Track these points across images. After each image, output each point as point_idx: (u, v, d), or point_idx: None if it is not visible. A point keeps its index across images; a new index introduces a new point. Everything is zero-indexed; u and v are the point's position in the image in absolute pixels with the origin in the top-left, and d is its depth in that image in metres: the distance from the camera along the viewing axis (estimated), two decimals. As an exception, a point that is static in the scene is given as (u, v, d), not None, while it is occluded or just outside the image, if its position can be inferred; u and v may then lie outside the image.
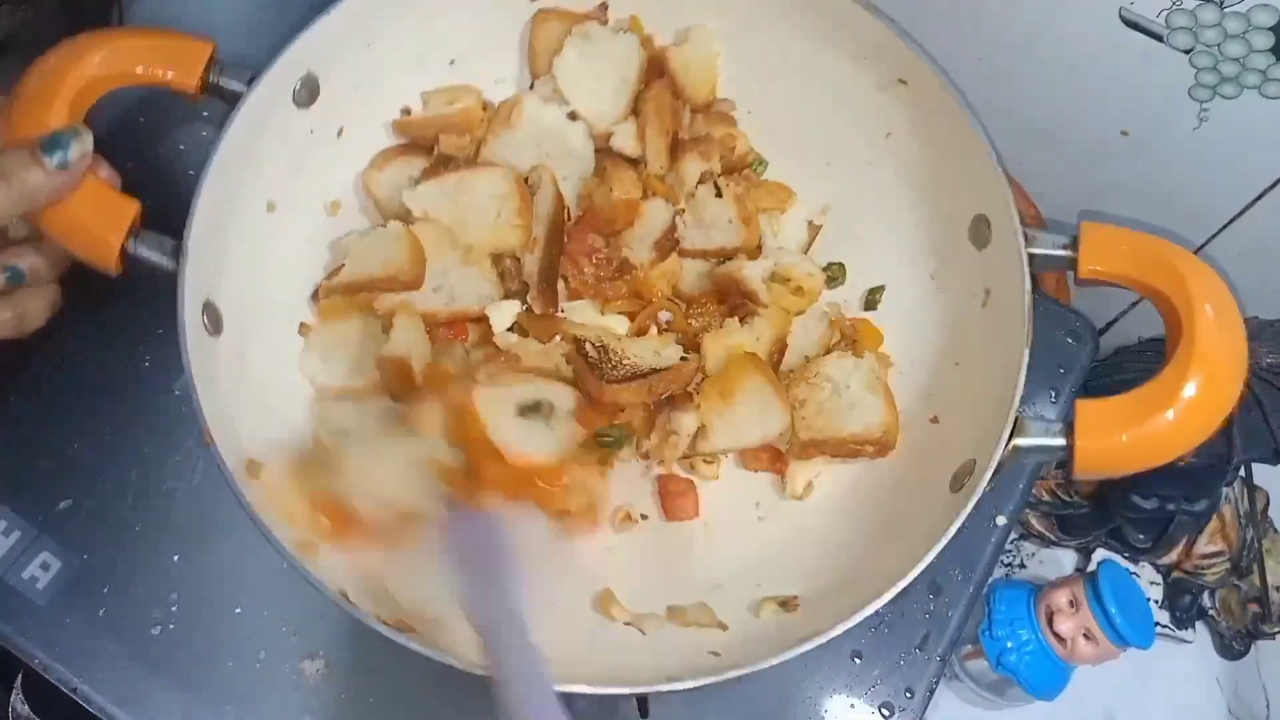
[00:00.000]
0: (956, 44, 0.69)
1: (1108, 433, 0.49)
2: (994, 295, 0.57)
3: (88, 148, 0.49)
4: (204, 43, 0.53)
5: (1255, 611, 0.82)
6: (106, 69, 0.51)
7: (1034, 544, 0.85)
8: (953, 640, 0.62)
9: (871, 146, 0.63)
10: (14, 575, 0.59)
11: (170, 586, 0.60)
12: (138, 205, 0.51)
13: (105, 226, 0.50)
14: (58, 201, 0.49)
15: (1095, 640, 0.73)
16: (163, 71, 0.53)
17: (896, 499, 0.58)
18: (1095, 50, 0.65)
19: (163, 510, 0.61)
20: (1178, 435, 0.49)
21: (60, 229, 0.50)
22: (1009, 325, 0.53)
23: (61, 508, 0.61)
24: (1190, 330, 0.49)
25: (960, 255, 0.59)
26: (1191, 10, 0.59)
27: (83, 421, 0.62)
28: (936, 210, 0.61)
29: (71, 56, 0.51)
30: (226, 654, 0.59)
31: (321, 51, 0.57)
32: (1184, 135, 0.67)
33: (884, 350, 0.62)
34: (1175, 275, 0.50)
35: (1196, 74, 0.63)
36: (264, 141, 0.56)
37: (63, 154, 0.48)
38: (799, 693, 0.61)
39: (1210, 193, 0.69)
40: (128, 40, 0.53)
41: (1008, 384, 0.51)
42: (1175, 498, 0.76)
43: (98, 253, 0.51)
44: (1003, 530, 0.64)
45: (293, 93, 0.57)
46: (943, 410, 0.59)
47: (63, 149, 0.48)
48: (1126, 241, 0.52)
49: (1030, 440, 0.50)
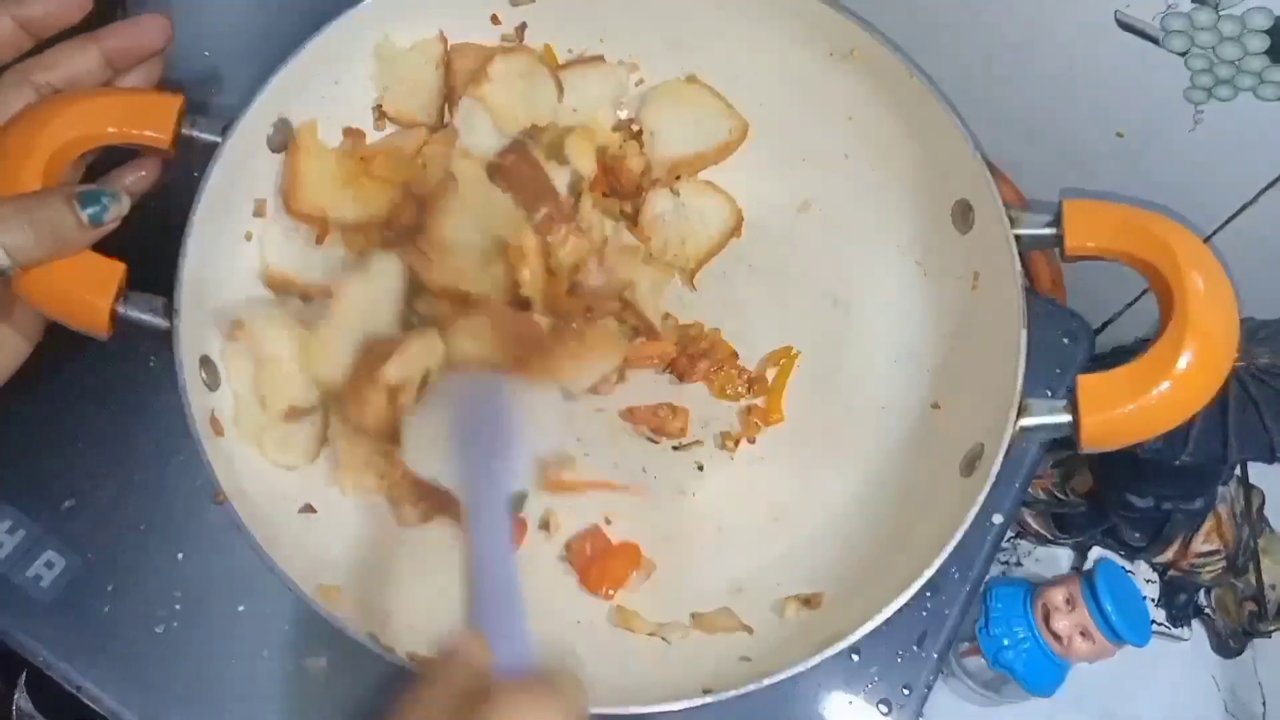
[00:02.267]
0: (951, 46, 0.70)
1: (1110, 405, 0.50)
2: (983, 278, 0.58)
3: (123, 212, 0.49)
4: (173, 96, 0.53)
5: (1251, 610, 0.83)
6: (77, 131, 0.51)
7: (1031, 542, 0.85)
8: (950, 638, 0.63)
9: (843, 135, 0.64)
10: (18, 574, 0.60)
11: (174, 585, 0.60)
12: (123, 267, 0.50)
13: (91, 291, 0.50)
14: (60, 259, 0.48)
15: (1091, 638, 0.73)
16: (135, 130, 0.52)
17: (907, 488, 0.59)
18: (1090, 53, 0.66)
19: (166, 509, 0.61)
20: (1176, 404, 0.50)
21: (42, 296, 0.49)
22: (1001, 307, 0.54)
23: (66, 507, 0.61)
24: (1182, 300, 0.50)
25: (945, 241, 0.60)
26: (1187, 13, 0.60)
27: (87, 421, 0.63)
28: (918, 197, 0.62)
29: (39, 122, 0.50)
30: (230, 652, 0.59)
31: (293, 93, 0.57)
32: (1179, 137, 0.67)
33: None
34: (1162, 246, 0.51)
35: (1192, 76, 0.63)
36: (241, 188, 0.56)
37: (99, 210, 0.48)
38: (797, 689, 0.61)
39: (1206, 195, 0.70)
40: (96, 101, 0.52)
41: (1007, 366, 0.52)
42: (1171, 496, 0.76)
43: (86, 319, 0.50)
44: (999, 528, 0.65)
45: (266, 139, 0.57)
46: (943, 396, 0.60)
47: (101, 206, 0.48)
48: (1110, 214, 0.53)
49: (1036, 419, 0.51)
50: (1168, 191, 0.71)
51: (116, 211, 0.49)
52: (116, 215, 0.49)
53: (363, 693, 0.59)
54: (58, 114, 0.51)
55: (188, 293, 0.52)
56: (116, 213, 0.49)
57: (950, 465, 0.56)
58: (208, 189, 0.53)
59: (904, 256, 0.63)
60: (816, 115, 0.64)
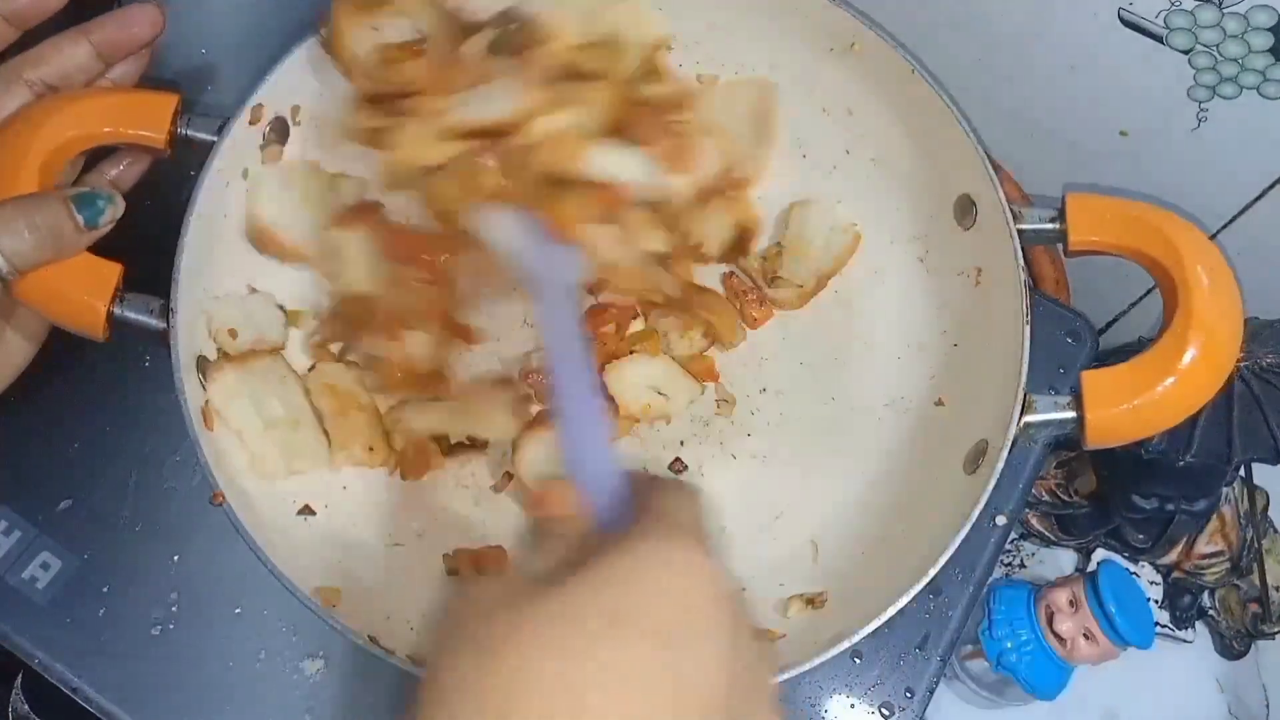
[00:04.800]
0: (953, 44, 0.70)
1: (1115, 401, 0.50)
2: (986, 274, 0.57)
3: (118, 214, 0.49)
4: (169, 95, 0.53)
5: (1255, 611, 0.82)
6: (73, 131, 0.50)
7: (1034, 544, 0.85)
8: (953, 640, 0.62)
9: (844, 131, 0.63)
10: (14, 575, 0.59)
11: (170, 586, 0.60)
12: (120, 268, 0.50)
13: (89, 292, 0.49)
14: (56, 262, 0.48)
15: (1095, 640, 0.73)
16: (130, 129, 0.52)
17: (911, 486, 0.59)
18: (1094, 50, 0.65)
19: (163, 510, 0.61)
20: (1181, 400, 0.50)
21: (40, 298, 0.49)
22: (1004, 303, 0.54)
23: (62, 507, 0.61)
24: (1186, 295, 0.50)
25: (948, 236, 0.60)
26: (1190, 11, 0.59)
27: (83, 421, 0.62)
28: (919, 193, 0.62)
29: (34, 123, 0.50)
30: (227, 654, 0.59)
31: (287, 91, 0.56)
32: (1183, 135, 0.67)
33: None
34: (1166, 240, 0.51)
35: (1195, 74, 0.63)
36: (236, 190, 0.56)
37: (94, 212, 0.48)
38: (798, 692, 0.60)
39: (1209, 193, 0.69)
40: (92, 101, 0.52)
41: (1011, 362, 0.52)
42: (1175, 498, 0.76)
43: (83, 320, 0.50)
44: (1003, 530, 0.64)
45: (262, 136, 0.56)
46: (947, 393, 0.59)
47: (96, 209, 0.48)
48: (1113, 209, 0.52)
49: (1040, 416, 0.51)
50: (1171, 190, 0.71)
51: (112, 213, 0.49)
52: (112, 217, 0.49)
53: (361, 694, 0.59)
54: (53, 114, 0.51)
55: (184, 293, 0.51)
56: (112, 215, 0.49)
57: (954, 462, 0.55)
58: (204, 189, 0.53)
59: (906, 252, 0.63)
60: (817, 110, 0.64)
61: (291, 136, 0.58)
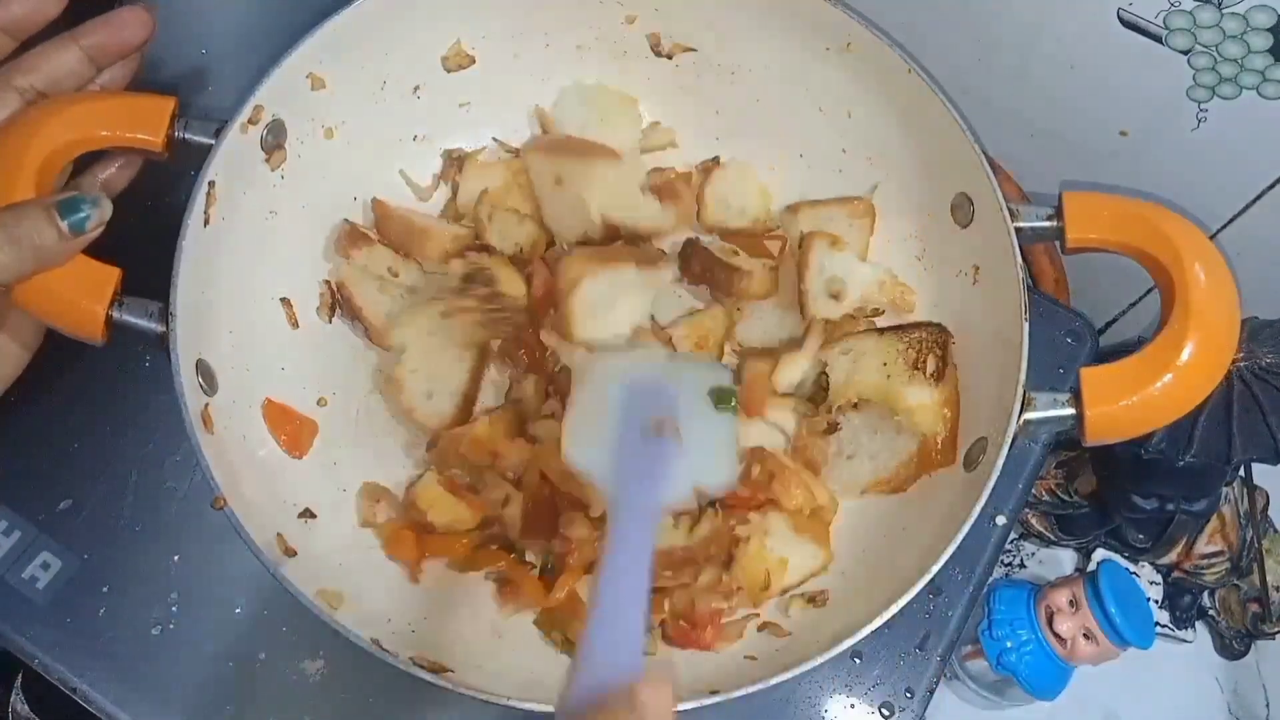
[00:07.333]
0: (952, 45, 0.70)
1: (1114, 397, 0.50)
2: (983, 272, 0.57)
3: (105, 217, 0.48)
4: (166, 99, 0.52)
5: (1255, 611, 0.82)
6: (70, 135, 0.50)
7: (1034, 544, 0.85)
8: (953, 640, 0.62)
9: (841, 130, 0.63)
10: (14, 575, 0.59)
11: (170, 586, 0.60)
12: (118, 272, 0.49)
13: (87, 297, 0.49)
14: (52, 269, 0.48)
15: (1095, 640, 0.73)
16: (128, 133, 0.51)
17: (912, 485, 0.58)
18: (1094, 51, 0.65)
19: (163, 510, 0.61)
20: (1179, 395, 0.50)
21: (39, 303, 0.49)
22: (1002, 300, 0.54)
23: (62, 508, 0.61)
24: (1184, 292, 0.50)
25: (945, 235, 0.60)
26: (1190, 11, 0.59)
27: (83, 421, 0.62)
28: (917, 191, 0.62)
29: (30, 128, 0.50)
30: (226, 654, 0.59)
31: (287, 94, 0.56)
32: (1182, 135, 0.67)
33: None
34: (1162, 237, 0.51)
35: (1195, 75, 0.63)
36: (236, 192, 0.55)
37: (80, 218, 0.47)
38: (798, 692, 0.60)
39: (1209, 193, 0.69)
40: (89, 104, 0.51)
41: (1010, 359, 0.52)
42: (1175, 498, 0.76)
43: (82, 325, 0.49)
44: (1003, 530, 0.64)
45: (260, 140, 0.56)
46: None
47: (82, 214, 0.47)
48: (1110, 206, 0.52)
49: (1040, 413, 0.51)
50: (1171, 190, 0.71)
51: (99, 217, 0.48)
52: (99, 221, 0.48)
53: (360, 695, 0.59)
54: (49, 119, 0.50)
55: (183, 296, 0.51)
56: (99, 218, 0.48)
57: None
58: (202, 192, 0.52)
59: (905, 251, 0.63)
60: (814, 110, 0.64)
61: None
